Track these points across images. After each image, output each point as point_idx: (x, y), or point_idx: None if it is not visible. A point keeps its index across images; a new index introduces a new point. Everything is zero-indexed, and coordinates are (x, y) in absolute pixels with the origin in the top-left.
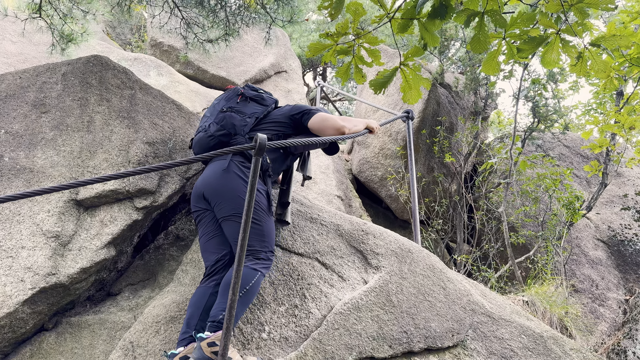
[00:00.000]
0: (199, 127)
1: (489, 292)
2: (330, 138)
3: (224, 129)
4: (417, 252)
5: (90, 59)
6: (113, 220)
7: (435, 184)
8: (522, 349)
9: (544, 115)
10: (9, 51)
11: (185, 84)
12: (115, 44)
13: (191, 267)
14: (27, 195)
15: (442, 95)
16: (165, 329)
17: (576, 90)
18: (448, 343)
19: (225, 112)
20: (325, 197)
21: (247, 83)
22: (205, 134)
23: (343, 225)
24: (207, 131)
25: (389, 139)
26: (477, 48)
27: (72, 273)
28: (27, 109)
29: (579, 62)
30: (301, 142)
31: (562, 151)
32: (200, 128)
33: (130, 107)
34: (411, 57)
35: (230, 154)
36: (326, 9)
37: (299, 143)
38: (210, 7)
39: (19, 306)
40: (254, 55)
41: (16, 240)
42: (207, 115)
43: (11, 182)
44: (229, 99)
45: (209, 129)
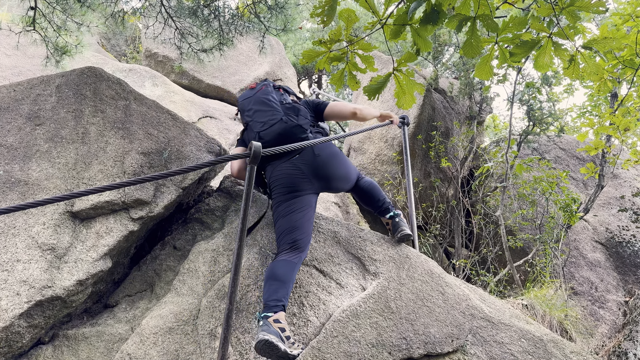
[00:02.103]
0: (262, 122)
1: (487, 296)
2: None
3: (305, 118)
4: (414, 257)
5: (84, 70)
6: (109, 232)
7: (432, 189)
8: (523, 353)
9: (539, 119)
10: (3, 64)
11: (181, 94)
12: (110, 56)
13: (188, 277)
14: (22, 207)
15: (437, 100)
16: (163, 340)
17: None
18: (448, 348)
19: (293, 105)
20: (322, 204)
21: (272, 83)
22: (285, 125)
23: (340, 232)
24: (287, 122)
25: (385, 144)
26: (470, 53)
27: (68, 285)
28: (22, 121)
29: (572, 65)
30: (293, 147)
31: (558, 154)
32: (266, 122)
33: (125, 117)
34: (404, 62)
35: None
36: (318, 16)
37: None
38: (204, 16)
39: (15, 320)
40: (249, 64)
41: (11, 253)
42: (261, 110)
43: (6, 195)
44: (274, 92)
45: (289, 120)
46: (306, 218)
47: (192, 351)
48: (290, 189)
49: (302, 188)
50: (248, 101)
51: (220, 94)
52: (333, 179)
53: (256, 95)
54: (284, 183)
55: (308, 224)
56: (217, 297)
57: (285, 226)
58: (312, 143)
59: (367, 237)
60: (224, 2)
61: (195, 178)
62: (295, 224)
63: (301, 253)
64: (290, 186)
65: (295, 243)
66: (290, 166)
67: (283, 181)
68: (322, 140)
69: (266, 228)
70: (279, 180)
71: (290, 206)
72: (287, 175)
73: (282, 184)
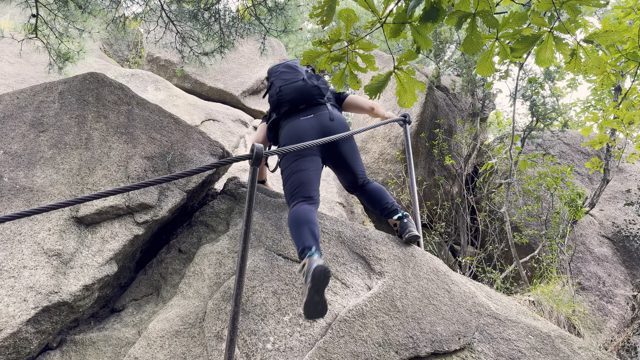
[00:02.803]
0: (284, 79)
1: (494, 293)
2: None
3: (324, 84)
4: (420, 256)
5: (86, 76)
6: (114, 236)
7: (436, 187)
8: (530, 349)
9: (542, 114)
10: (7, 72)
11: (183, 98)
12: (112, 61)
13: (194, 279)
14: (26, 214)
15: (440, 98)
16: (170, 343)
17: (574, 88)
18: (455, 346)
19: (317, 74)
20: (327, 204)
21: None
22: (305, 83)
23: (345, 232)
24: (307, 82)
25: (388, 143)
26: (470, 49)
27: (74, 291)
28: (25, 128)
29: (573, 59)
30: (292, 148)
31: (562, 149)
32: (289, 80)
33: (128, 122)
34: (405, 60)
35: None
36: (318, 16)
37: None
38: (204, 20)
39: (23, 326)
40: (251, 66)
41: (18, 260)
42: (287, 71)
43: (11, 202)
44: (300, 66)
45: (309, 81)
46: (317, 177)
47: (199, 354)
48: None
49: (312, 147)
50: (277, 66)
51: (223, 96)
52: (340, 144)
53: (286, 62)
54: (296, 138)
55: (318, 184)
56: (223, 299)
57: (299, 182)
58: (315, 144)
59: (372, 237)
60: (224, 5)
61: (199, 181)
62: (309, 180)
63: (316, 205)
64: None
65: (311, 198)
66: (305, 122)
67: (295, 136)
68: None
69: (271, 229)
70: (292, 134)
71: (302, 164)
72: (301, 131)
73: (294, 138)
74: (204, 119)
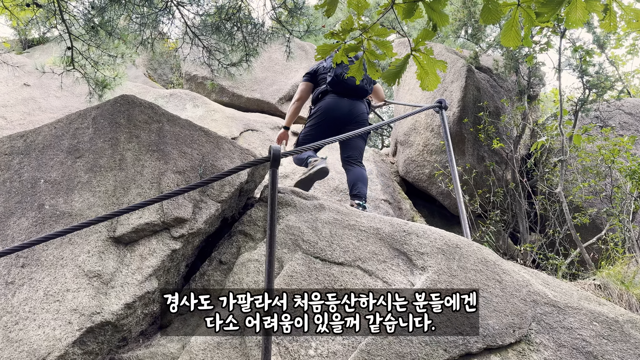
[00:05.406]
0: (332, 72)
1: (552, 280)
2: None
3: (369, 83)
4: (465, 246)
5: (117, 99)
6: (152, 253)
7: (487, 174)
8: (596, 337)
9: (594, 84)
10: (55, 106)
11: (221, 112)
12: (157, 85)
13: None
14: (57, 235)
15: (482, 80)
16: (212, 355)
17: (635, 54)
18: (510, 339)
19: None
20: (371, 202)
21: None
22: (362, 85)
23: (383, 228)
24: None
25: (431, 134)
26: (489, 19)
27: (116, 310)
28: (63, 156)
29: (607, 15)
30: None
31: (624, 119)
32: (336, 72)
33: (159, 139)
34: (422, 41)
35: None
36: (322, 7)
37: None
38: (227, 30)
39: (69, 348)
40: (285, 72)
41: (61, 284)
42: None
43: (53, 228)
44: None
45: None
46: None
47: None
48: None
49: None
50: (322, 61)
51: (261, 106)
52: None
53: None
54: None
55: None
56: None
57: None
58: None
59: (412, 230)
60: (244, 13)
61: (231, 190)
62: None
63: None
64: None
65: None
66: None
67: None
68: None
69: (308, 232)
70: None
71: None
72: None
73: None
74: (243, 130)
